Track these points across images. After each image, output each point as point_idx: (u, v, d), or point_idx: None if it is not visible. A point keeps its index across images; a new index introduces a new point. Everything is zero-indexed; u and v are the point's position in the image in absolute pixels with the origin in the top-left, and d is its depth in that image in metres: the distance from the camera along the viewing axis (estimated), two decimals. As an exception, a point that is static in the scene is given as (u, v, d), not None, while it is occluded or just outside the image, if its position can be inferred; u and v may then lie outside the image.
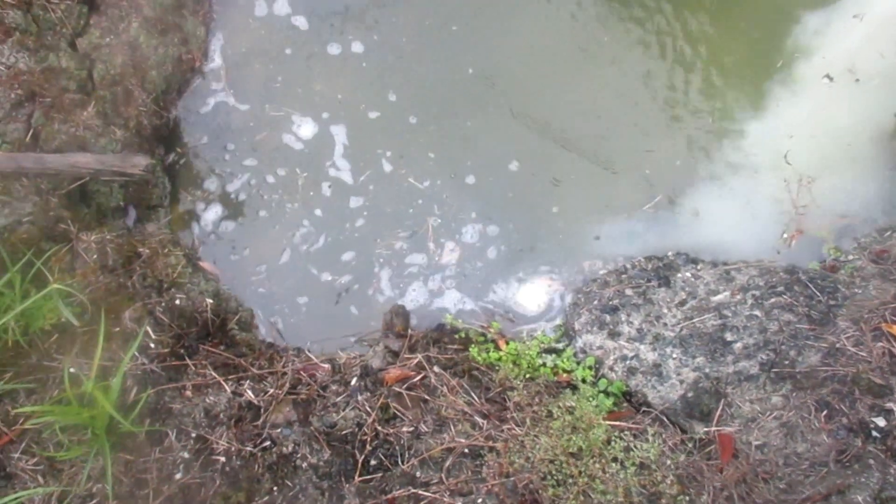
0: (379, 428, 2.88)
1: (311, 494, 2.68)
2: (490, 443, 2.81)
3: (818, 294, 3.11)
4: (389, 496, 2.67)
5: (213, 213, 3.63)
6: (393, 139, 3.80)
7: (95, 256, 3.13)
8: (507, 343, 3.23)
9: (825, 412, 2.73)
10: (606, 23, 3.97)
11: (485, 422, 2.90)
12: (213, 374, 3.00)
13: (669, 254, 3.50)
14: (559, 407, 2.89)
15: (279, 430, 2.85)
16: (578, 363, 3.17)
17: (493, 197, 3.69)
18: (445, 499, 2.65)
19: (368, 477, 2.75)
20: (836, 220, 3.52)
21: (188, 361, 3.03)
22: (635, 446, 2.79)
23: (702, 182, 3.66)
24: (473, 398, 2.99)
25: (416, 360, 3.12)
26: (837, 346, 2.89)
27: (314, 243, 3.60)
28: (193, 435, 2.79)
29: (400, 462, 2.79)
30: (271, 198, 3.69)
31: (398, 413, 2.94)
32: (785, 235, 3.52)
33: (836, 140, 3.65)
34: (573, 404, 2.90)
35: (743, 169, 3.66)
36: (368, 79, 3.90)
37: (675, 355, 3.06)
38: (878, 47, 3.69)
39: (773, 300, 3.12)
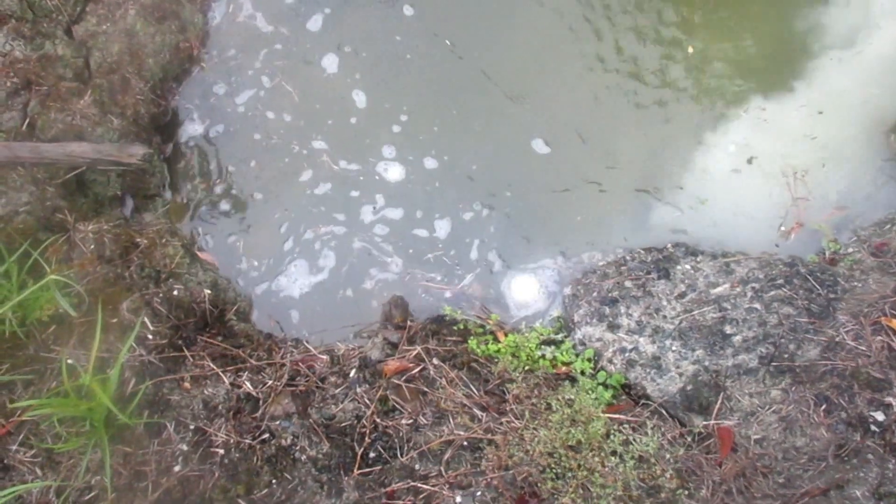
0: (378, 420, 2.88)
1: (311, 487, 2.68)
2: (489, 435, 2.81)
3: (818, 287, 3.10)
4: (388, 489, 2.67)
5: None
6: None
7: (93, 247, 3.11)
8: (506, 335, 3.22)
9: (824, 406, 2.73)
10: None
11: (484, 414, 2.90)
12: (212, 365, 2.99)
13: (669, 245, 3.49)
14: (558, 399, 2.89)
15: (278, 422, 2.84)
16: (577, 355, 3.16)
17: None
18: (444, 492, 2.65)
19: (367, 470, 2.75)
20: (835, 212, 3.51)
21: (186, 353, 3.02)
22: (634, 440, 2.79)
23: (700, 173, 3.65)
24: (472, 390, 2.99)
25: (414, 352, 3.11)
26: (837, 339, 2.90)
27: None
28: (192, 427, 2.78)
29: (399, 455, 2.79)
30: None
31: (397, 405, 2.93)
32: (783, 228, 3.52)
33: (834, 133, 3.64)
34: (572, 397, 2.90)
35: (741, 161, 3.66)
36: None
37: (674, 348, 3.06)
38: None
39: (772, 293, 3.11)
